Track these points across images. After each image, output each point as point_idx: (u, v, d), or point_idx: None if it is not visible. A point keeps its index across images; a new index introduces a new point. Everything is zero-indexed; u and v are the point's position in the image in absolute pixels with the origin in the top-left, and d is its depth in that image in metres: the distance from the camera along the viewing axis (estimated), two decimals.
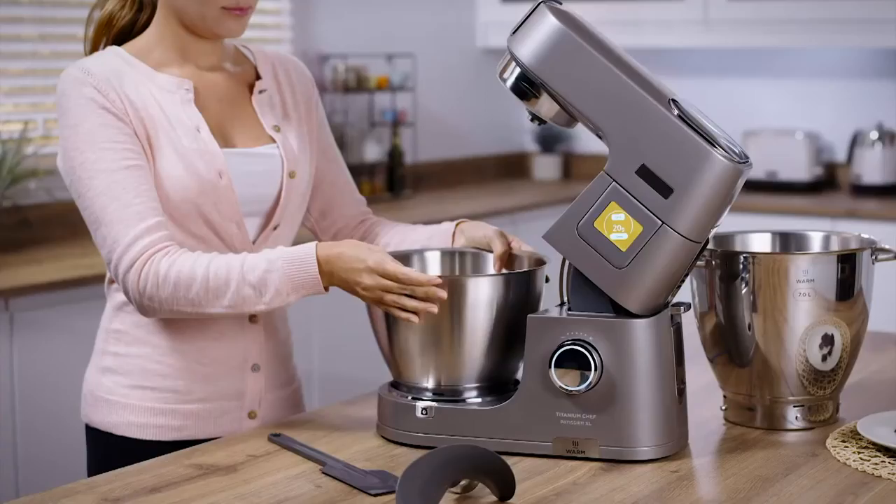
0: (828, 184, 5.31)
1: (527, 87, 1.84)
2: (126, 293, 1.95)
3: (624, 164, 1.78)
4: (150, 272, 1.91)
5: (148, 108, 1.99)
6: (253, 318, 2.08)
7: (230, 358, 2.07)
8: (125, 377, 2.06)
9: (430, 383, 1.89)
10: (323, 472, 1.76)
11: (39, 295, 3.24)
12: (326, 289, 1.91)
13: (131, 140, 1.96)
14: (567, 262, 1.83)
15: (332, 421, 2.02)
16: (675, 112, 1.77)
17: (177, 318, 2.01)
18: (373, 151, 4.98)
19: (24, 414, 3.21)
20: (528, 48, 1.80)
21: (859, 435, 1.87)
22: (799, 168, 5.19)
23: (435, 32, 5.45)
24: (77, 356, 2.15)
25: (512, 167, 5.89)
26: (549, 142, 5.82)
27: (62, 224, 3.86)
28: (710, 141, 1.76)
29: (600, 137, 1.81)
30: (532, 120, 1.90)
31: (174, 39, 2.05)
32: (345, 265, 1.87)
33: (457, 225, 2.12)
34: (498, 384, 1.91)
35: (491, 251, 2.04)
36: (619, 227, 1.78)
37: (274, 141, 2.09)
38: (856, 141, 5.12)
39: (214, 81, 2.08)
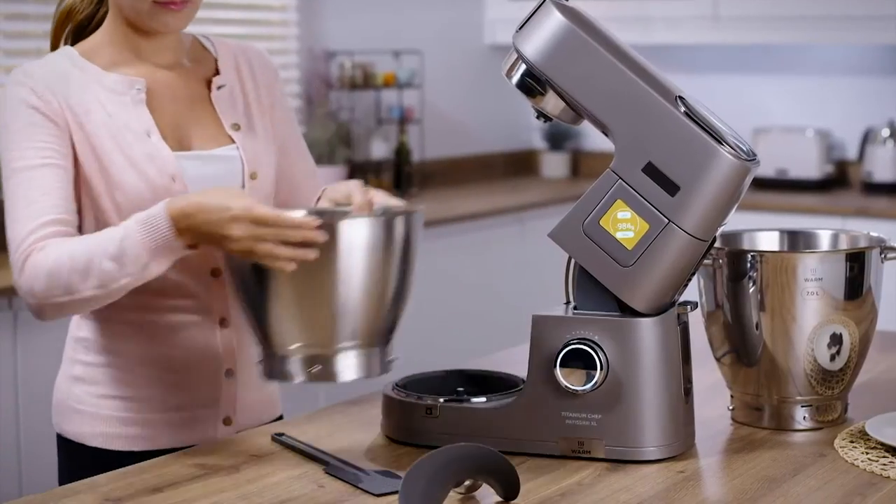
0: (838, 182, 5.29)
1: (532, 84, 1.82)
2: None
3: (630, 162, 1.76)
4: (31, 271, 1.80)
5: (91, 112, 1.91)
6: (223, 322, 2.00)
7: (203, 365, 1.99)
8: (95, 386, 1.98)
9: (302, 343, 1.73)
10: (326, 472, 1.75)
11: None
12: (192, 248, 1.75)
13: (59, 142, 1.88)
14: (573, 261, 1.82)
15: (336, 420, 2.01)
16: (682, 109, 1.75)
17: (128, 322, 1.95)
18: (379, 149, 4.96)
19: (27, 413, 3.20)
20: (534, 45, 1.79)
21: (868, 435, 1.85)
22: (809, 166, 5.17)
23: (442, 29, 5.43)
24: None
25: (520, 165, 5.88)
26: (557, 139, 5.80)
27: None
28: (718, 138, 1.74)
29: (606, 135, 1.80)
30: (538, 117, 1.88)
31: (124, 37, 1.97)
32: (207, 217, 1.71)
33: (323, 191, 1.97)
34: (379, 340, 1.78)
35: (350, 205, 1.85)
36: (624, 225, 1.77)
37: (233, 141, 2.00)
38: (867, 138, 5.11)
39: (170, 80, 1.99)
